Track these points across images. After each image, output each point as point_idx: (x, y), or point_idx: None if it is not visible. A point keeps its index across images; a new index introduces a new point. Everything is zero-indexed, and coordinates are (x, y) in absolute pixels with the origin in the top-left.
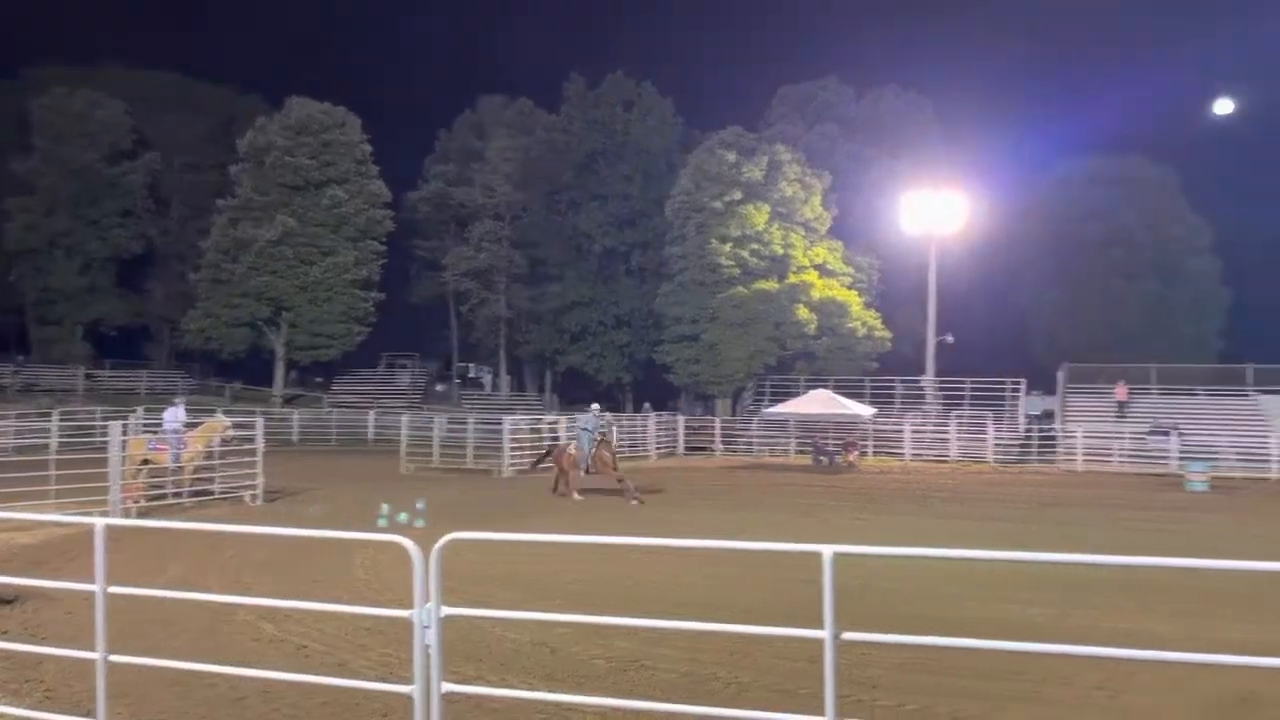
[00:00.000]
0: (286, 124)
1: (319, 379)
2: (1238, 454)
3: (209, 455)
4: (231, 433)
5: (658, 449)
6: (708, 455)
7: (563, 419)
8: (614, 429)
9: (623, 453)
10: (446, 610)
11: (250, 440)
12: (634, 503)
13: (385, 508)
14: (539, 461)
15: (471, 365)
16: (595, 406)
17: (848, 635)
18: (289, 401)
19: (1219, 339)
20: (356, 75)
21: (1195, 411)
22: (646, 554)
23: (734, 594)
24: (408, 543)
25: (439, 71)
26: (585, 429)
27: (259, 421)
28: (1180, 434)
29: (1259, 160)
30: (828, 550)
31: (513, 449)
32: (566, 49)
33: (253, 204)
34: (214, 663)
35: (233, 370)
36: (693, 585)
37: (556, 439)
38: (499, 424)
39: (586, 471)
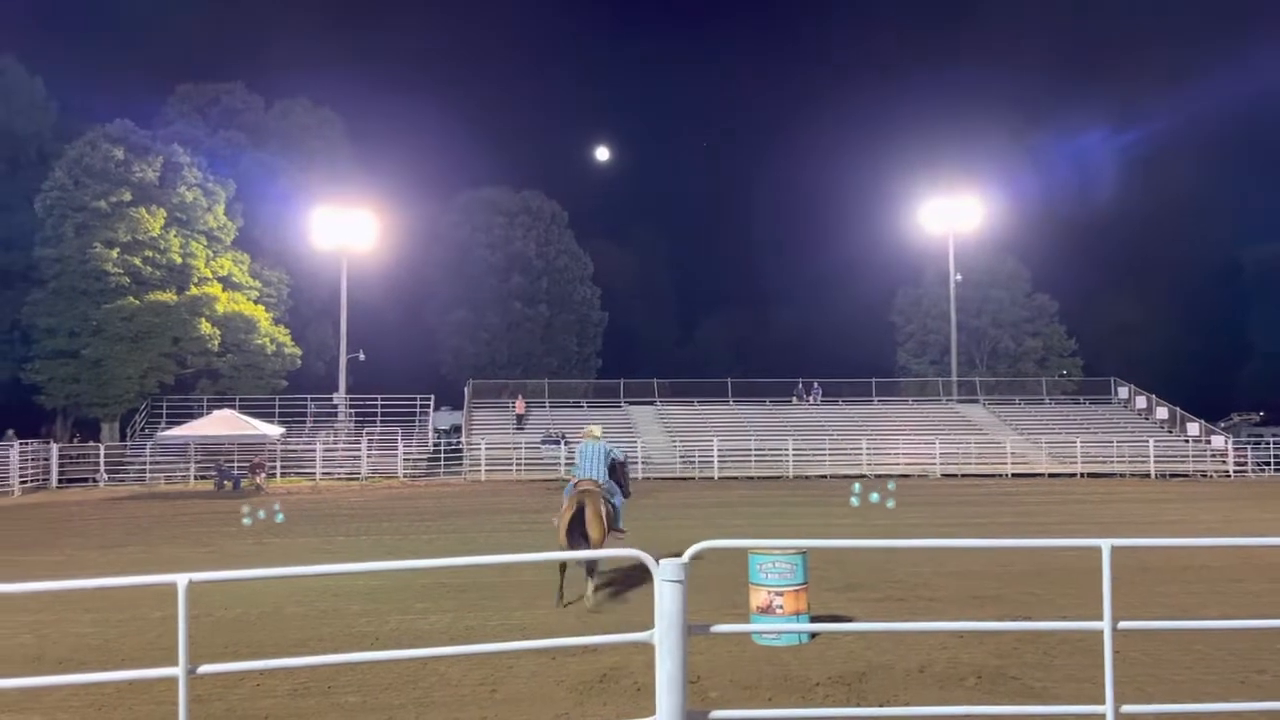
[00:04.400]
0: None
1: None
2: None
3: None
4: None
5: (23, 483)
6: (90, 487)
7: None
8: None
9: None
10: None
11: None
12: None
13: None
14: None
15: None
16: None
17: (205, 669)
18: None
19: (598, 357)
20: None
21: (580, 421)
22: None
23: (127, 639)
24: None
25: None
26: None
27: None
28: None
29: (629, 202)
30: (182, 579)
31: None
32: None
33: None
34: None
35: None
36: (61, 636)
37: None
38: None
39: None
